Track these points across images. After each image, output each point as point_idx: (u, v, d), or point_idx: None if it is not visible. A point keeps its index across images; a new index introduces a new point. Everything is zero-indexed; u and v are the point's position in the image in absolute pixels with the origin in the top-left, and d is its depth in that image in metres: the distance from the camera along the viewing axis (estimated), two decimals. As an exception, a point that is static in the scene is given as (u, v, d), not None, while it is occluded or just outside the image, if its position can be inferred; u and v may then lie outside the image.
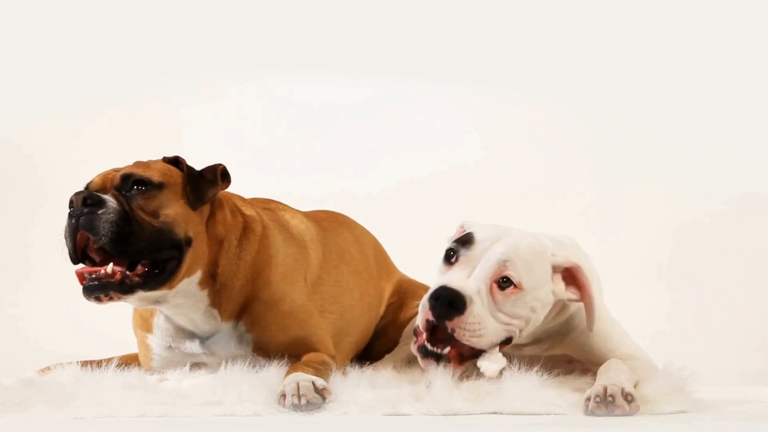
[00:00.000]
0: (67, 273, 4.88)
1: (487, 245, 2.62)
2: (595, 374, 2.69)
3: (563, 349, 2.80)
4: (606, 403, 2.42)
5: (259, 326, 2.92)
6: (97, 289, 2.72)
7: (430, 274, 3.56)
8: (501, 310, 2.58)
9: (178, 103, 5.28)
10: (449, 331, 2.54)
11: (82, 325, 4.47)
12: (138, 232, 2.72)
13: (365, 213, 3.81)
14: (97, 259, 2.76)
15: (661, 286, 4.65)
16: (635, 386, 2.55)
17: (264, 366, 2.77)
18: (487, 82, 5.24)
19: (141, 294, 2.76)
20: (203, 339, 2.93)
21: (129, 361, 3.10)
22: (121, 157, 3.02)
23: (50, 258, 4.85)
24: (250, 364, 2.77)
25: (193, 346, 2.94)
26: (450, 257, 2.66)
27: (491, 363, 2.60)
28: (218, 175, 2.90)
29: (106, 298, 2.73)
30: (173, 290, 2.81)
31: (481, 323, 2.54)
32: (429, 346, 2.59)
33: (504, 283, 2.59)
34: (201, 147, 2.97)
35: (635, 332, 2.94)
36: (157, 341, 2.99)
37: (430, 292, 2.59)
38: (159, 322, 2.97)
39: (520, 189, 4.97)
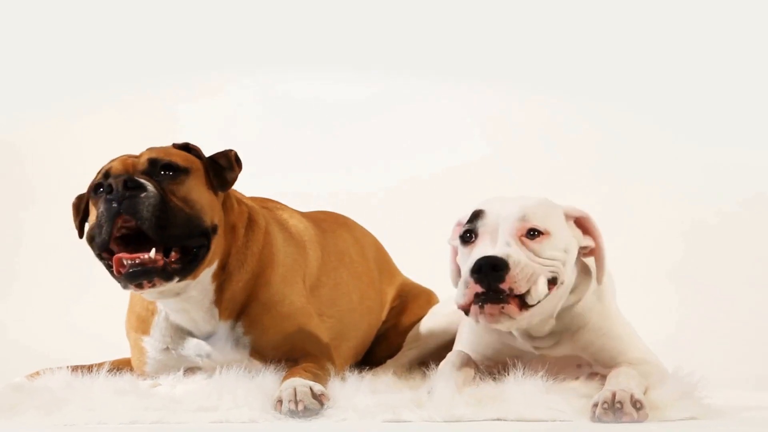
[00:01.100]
0: (57, 275, 4.88)
1: (499, 211, 2.68)
2: (602, 379, 2.67)
3: (573, 346, 2.78)
4: (614, 409, 2.40)
5: (257, 329, 2.91)
6: (141, 275, 2.69)
7: (433, 277, 3.57)
8: (540, 256, 2.63)
9: (173, 100, 5.27)
10: (507, 291, 2.56)
11: (72, 328, 4.46)
12: (173, 218, 2.71)
13: (366, 213, 3.81)
14: (116, 249, 2.73)
15: (670, 289, 4.63)
16: (645, 392, 2.53)
17: (260, 371, 2.76)
18: (491, 79, 5.23)
19: (175, 281, 2.75)
20: (201, 340, 2.92)
21: (121, 366, 3.08)
22: (113, 157, 2.99)
23: (39, 259, 4.89)
24: (245, 369, 2.76)
25: (191, 347, 2.93)
26: (468, 237, 2.70)
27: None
28: (233, 160, 2.91)
29: (149, 285, 2.71)
30: (195, 281, 2.81)
31: (528, 268, 2.59)
32: (487, 293, 2.57)
33: (532, 234, 2.64)
34: (197, 144, 2.96)
35: (643, 336, 2.92)
36: (153, 343, 2.99)
37: (468, 268, 2.60)
38: (159, 320, 2.96)
39: (525, 188, 4.90)
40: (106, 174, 2.81)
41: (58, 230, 4.41)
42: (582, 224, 2.76)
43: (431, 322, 3.34)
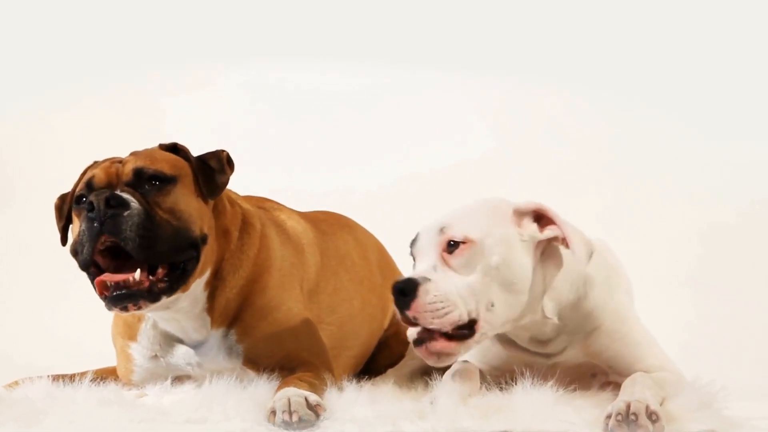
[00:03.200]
0: (36, 278, 4.87)
1: (424, 228, 2.70)
2: (616, 389, 2.67)
3: (586, 351, 2.79)
4: (628, 421, 2.39)
5: (251, 337, 2.91)
6: (126, 299, 2.70)
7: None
8: (463, 273, 2.61)
9: (158, 93, 5.27)
10: (412, 320, 2.57)
11: (53, 335, 4.46)
12: (159, 233, 2.71)
13: (364, 212, 3.81)
14: (101, 261, 2.73)
15: (686, 293, 4.63)
16: (661, 403, 2.53)
17: (253, 380, 2.76)
18: (497, 69, 5.24)
19: (163, 300, 2.75)
20: (191, 348, 2.93)
21: (105, 375, 3.09)
22: (96, 154, 3.00)
23: (18, 262, 4.88)
24: (237, 378, 2.77)
25: (180, 355, 2.93)
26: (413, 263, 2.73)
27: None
28: (224, 162, 2.90)
29: (134, 308, 2.72)
30: (185, 293, 2.82)
31: (444, 301, 2.57)
32: (417, 334, 2.62)
33: (451, 246, 2.63)
34: (184, 141, 2.96)
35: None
36: (140, 350, 2.99)
37: None
38: (146, 327, 2.97)
39: (532, 186, 4.95)
40: (88, 184, 2.81)
41: (37, 231, 4.40)
42: (539, 216, 2.73)
43: (435, 329, 3.34)
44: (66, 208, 2.92)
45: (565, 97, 5.20)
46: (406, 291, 2.57)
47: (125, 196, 2.71)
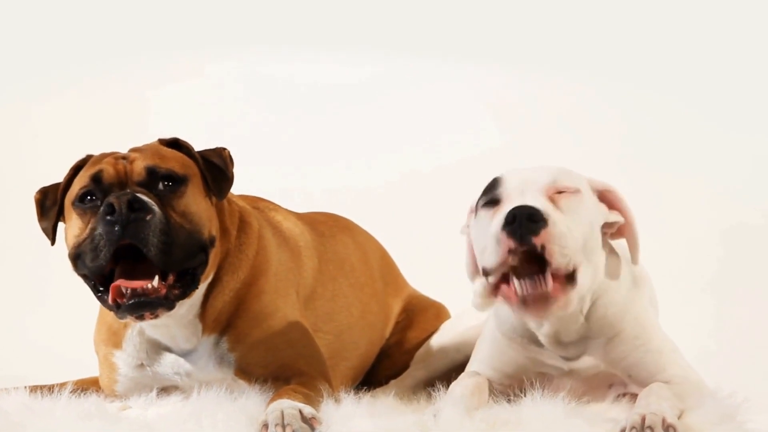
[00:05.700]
0: (12, 281, 4.86)
1: (523, 175, 2.67)
2: (632, 399, 2.68)
3: (604, 357, 2.79)
4: (643, 435, 2.40)
5: (244, 344, 2.91)
6: (144, 307, 2.70)
7: (438, 282, 3.56)
8: (572, 215, 2.60)
9: (144, 83, 5.27)
10: (538, 249, 2.49)
11: (30, 343, 4.45)
12: (175, 239, 2.71)
13: (364, 212, 3.80)
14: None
15: (707, 298, 4.63)
16: (680, 416, 2.53)
17: (244, 392, 2.76)
18: (505, 60, 5.23)
19: (177, 308, 2.76)
20: (180, 356, 2.93)
21: (86, 386, 3.08)
22: (77, 150, 2.98)
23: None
24: (227, 389, 2.77)
25: (168, 364, 2.93)
26: (493, 202, 2.66)
27: None
28: (228, 160, 2.91)
29: (152, 316, 2.72)
30: (189, 298, 2.83)
31: (564, 237, 2.53)
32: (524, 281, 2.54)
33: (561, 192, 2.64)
34: (172, 135, 2.96)
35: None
36: (125, 358, 2.99)
37: (500, 221, 2.54)
38: (132, 334, 2.97)
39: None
40: (96, 180, 2.79)
41: (13, 230, 4.41)
42: (606, 198, 2.75)
43: (442, 339, 3.34)
44: (51, 204, 2.90)
45: (577, 89, 5.20)
46: (536, 217, 2.50)
47: (146, 199, 2.71)
